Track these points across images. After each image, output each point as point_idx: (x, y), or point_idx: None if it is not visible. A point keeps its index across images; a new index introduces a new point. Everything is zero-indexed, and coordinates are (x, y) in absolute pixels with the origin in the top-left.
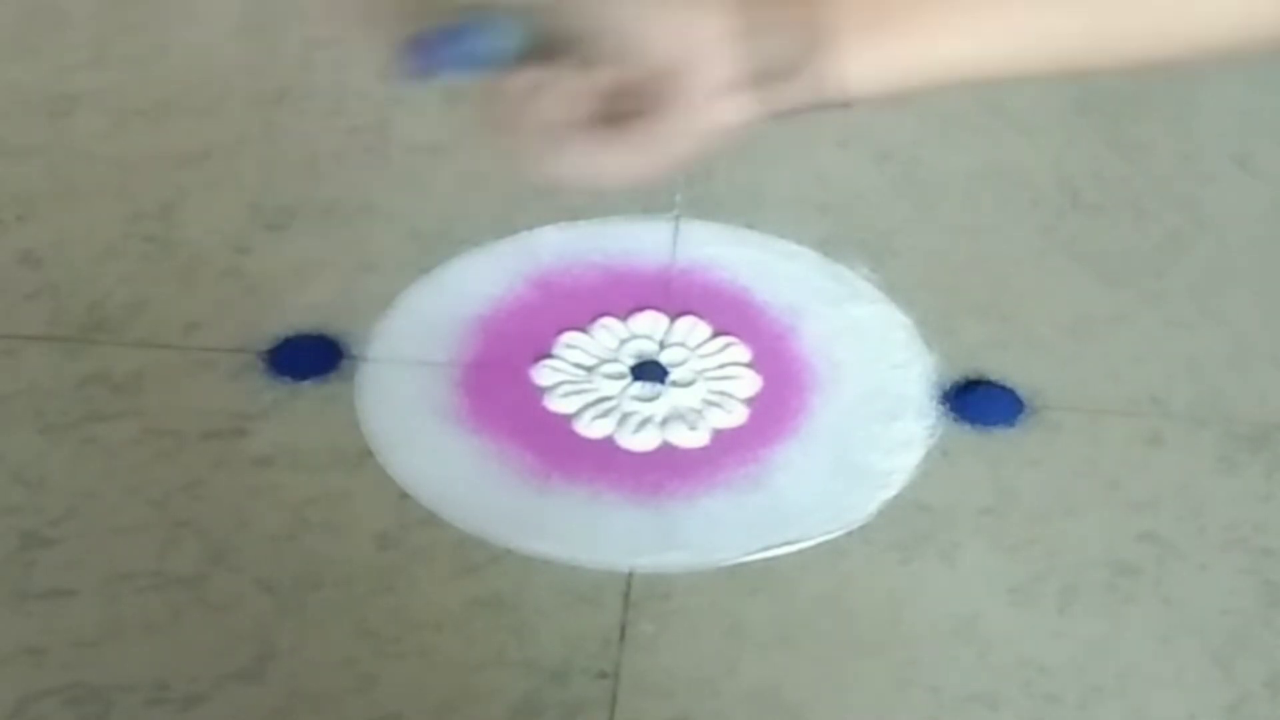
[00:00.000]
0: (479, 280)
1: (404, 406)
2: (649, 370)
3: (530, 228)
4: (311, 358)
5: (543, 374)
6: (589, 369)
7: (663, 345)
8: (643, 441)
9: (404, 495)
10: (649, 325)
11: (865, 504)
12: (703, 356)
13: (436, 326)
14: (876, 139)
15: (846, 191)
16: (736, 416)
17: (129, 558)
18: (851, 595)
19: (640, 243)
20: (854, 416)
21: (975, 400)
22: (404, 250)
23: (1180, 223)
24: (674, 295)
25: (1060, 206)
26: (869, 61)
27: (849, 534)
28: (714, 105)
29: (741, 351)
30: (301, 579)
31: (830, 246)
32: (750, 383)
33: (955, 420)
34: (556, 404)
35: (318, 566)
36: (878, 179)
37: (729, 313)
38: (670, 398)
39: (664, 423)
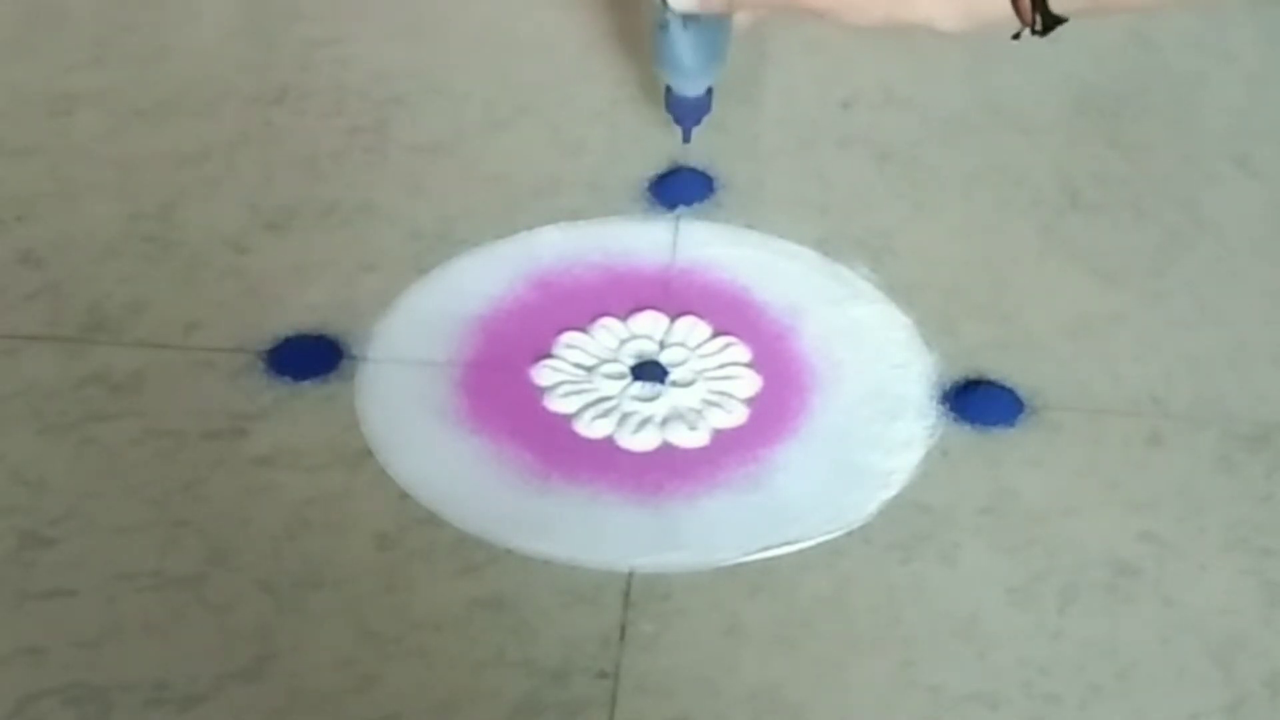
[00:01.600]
0: (479, 280)
1: (404, 406)
2: (649, 370)
3: (530, 228)
4: (311, 358)
5: (543, 374)
6: (589, 369)
7: (663, 345)
8: (643, 441)
9: (404, 495)
10: (649, 325)
11: (865, 504)
12: (703, 356)
13: (436, 326)
14: (876, 139)
15: (846, 191)
16: (736, 416)
17: (129, 558)
18: (851, 595)
19: (640, 243)
20: (854, 416)
21: (975, 400)
22: (404, 250)
23: (1180, 223)
24: (674, 295)
25: (1060, 206)
26: None
27: (849, 534)
28: None
29: (741, 351)
30: (301, 579)
31: (830, 246)
32: (750, 383)
33: (955, 420)
34: (556, 404)
35: (318, 566)
36: (878, 179)
37: (729, 313)
38: (670, 398)
39: (664, 423)
